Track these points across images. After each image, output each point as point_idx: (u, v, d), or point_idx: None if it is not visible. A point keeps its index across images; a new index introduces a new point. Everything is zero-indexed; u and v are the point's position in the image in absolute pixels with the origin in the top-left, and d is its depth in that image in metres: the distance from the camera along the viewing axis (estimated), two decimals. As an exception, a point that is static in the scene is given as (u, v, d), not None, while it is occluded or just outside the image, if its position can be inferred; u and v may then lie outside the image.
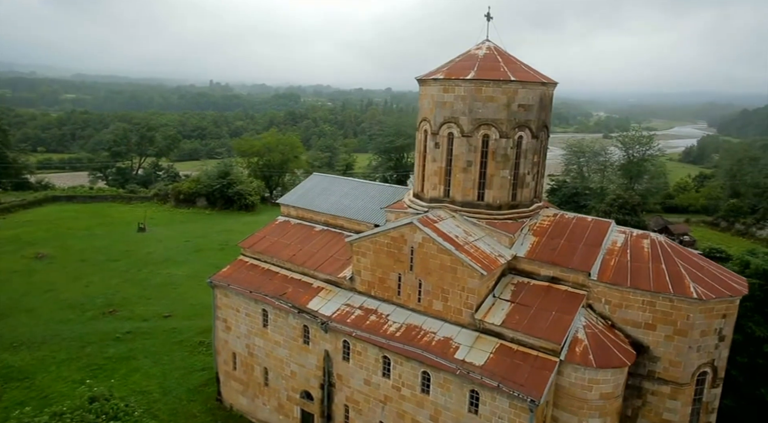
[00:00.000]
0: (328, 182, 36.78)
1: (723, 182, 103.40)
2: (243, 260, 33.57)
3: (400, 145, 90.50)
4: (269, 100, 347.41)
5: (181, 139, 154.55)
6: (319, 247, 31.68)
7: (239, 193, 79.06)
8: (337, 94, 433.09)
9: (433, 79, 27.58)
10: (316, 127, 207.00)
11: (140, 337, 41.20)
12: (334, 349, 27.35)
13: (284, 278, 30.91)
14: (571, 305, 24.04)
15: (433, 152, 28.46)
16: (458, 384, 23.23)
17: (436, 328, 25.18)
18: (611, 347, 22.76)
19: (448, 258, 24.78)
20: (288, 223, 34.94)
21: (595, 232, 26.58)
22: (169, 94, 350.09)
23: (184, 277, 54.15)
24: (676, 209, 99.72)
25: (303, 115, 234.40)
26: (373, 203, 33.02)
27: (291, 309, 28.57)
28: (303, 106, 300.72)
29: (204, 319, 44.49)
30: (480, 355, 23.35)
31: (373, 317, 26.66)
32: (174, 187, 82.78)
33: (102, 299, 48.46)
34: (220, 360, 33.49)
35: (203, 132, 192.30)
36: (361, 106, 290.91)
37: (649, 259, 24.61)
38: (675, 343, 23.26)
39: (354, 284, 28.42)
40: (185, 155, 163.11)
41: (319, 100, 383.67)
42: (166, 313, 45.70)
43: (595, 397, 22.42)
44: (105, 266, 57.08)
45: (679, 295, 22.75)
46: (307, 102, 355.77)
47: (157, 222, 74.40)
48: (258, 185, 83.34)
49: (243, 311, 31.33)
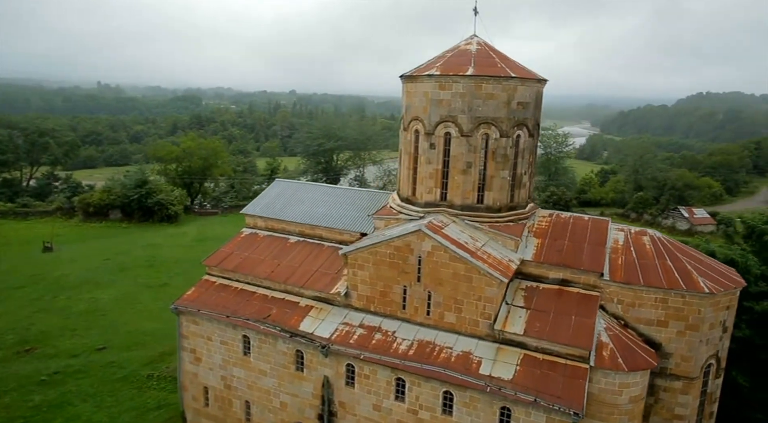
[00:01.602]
0: (295, 189, 33.67)
1: (627, 177, 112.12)
2: (210, 280, 29.58)
3: (330, 147, 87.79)
4: (167, 103, 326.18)
5: (81, 145, 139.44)
6: (299, 261, 28.63)
7: (160, 203, 71.89)
8: (240, 97, 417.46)
9: (427, 75, 25.79)
10: (225, 131, 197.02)
11: (72, 378, 35.20)
12: (336, 375, 24.61)
13: (264, 298, 27.53)
14: (589, 308, 23.38)
15: (428, 153, 26.67)
16: (487, 401, 21.63)
17: (452, 343, 23.40)
18: (635, 349, 22.35)
19: (462, 266, 23.13)
20: (256, 236, 31.39)
21: (596, 231, 26.25)
22: (51, 96, 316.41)
23: (112, 301, 47.70)
24: (589, 203, 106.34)
25: (209, 119, 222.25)
26: (352, 210, 30.58)
27: (280, 333, 25.37)
28: (206, 109, 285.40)
29: (148, 348, 39.29)
30: (506, 369, 21.93)
31: (379, 335, 24.32)
32: (81, 198, 73.42)
33: (13, 335, 41.10)
34: (188, 396, 29.22)
35: (99, 137, 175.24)
36: (269, 109, 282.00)
37: (654, 256, 24.61)
38: (687, 338, 23.34)
39: (350, 300, 25.86)
40: (79, 163, 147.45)
41: (222, 102, 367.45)
42: (99, 346, 39.67)
43: (624, 401, 21.84)
44: (9, 295, 48.80)
45: (691, 290, 22.84)
46: (209, 105, 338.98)
47: (65, 239, 65.48)
48: (180, 194, 76.48)
49: (217, 339, 27.47)
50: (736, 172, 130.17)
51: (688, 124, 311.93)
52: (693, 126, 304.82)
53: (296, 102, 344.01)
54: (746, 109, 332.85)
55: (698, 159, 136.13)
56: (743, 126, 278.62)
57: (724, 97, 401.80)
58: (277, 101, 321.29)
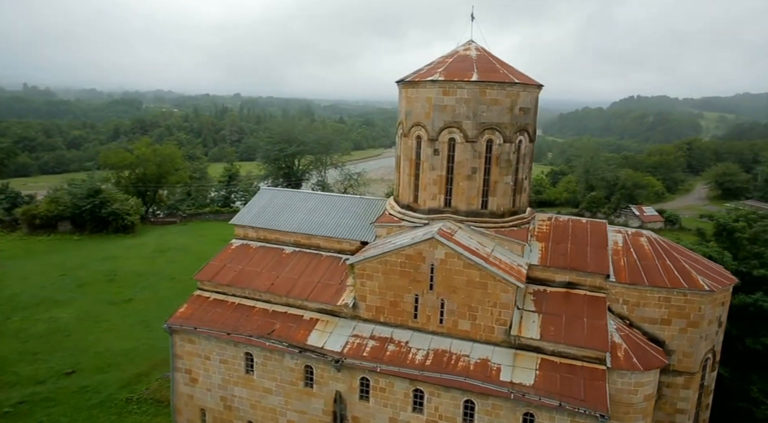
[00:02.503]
0: (286, 197, 32.54)
1: (578, 177, 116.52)
2: (202, 296, 27.98)
3: (291, 152, 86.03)
4: (104, 106, 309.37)
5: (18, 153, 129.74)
6: (299, 273, 27.63)
7: (115, 213, 67.77)
8: (182, 100, 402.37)
9: (430, 80, 25.56)
10: (171, 136, 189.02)
11: (41, 407, 32.33)
12: (349, 389, 23.83)
13: (264, 313, 26.34)
14: (598, 310, 23.81)
15: (432, 160, 26.42)
16: (510, 408, 21.55)
17: (467, 350, 23.21)
18: (647, 348, 22.96)
19: (477, 273, 23.00)
20: (248, 247, 30.05)
21: (597, 234, 26.83)
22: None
23: (75, 320, 44.38)
24: (545, 203, 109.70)
25: (153, 123, 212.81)
26: (349, 218, 29.88)
27: (288, 349, 24.31)
28: (148, 113, 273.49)
29: (122, 369, 36.82)
30: (526, 374, 21.96)
31: (392, 347, 23.78)
32: (25, 210, 68.02)
33: (-36, 363, 37.41)
34: (182, 421, 27.51)
35: (32, 143, 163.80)
36: (215, 113, 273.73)
37: (653, 257, 25.40)
38: (688, 334, 24.22)
39: (358, 311, 25.17)
40: (10, 171, 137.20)
41: (164, 106, 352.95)
42: (66, 370, 36.71)
43: (639, 400, 22.38)
44: (-47, 318, 44.41)
45: (693, 288, 23.72)
46: (150, 108, 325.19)
47: (9, 255, 60.46)
48: (136, 203, 72.46)
49: (216, 358, 26.00)
50: (674, 171, 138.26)
51: (623, 125, 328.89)
52: (627, 127, 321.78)
53: (242, 105, 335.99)
54: (673, 111, 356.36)
55: (639, 159, 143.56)
56: (672, 128, 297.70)
57: (653, 100, 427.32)
58: (223, 105, 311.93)
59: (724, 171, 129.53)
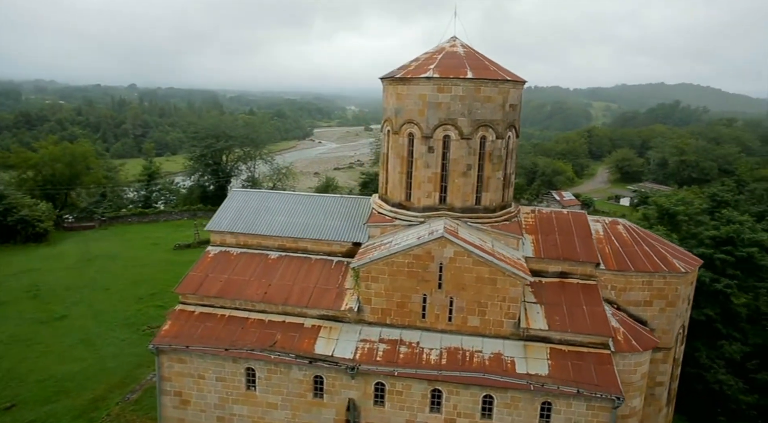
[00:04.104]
0: (261, 199, 30.80)
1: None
2: (186, 310, 25.78)
3: (219, 148, 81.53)
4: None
5: None
6: (292, 279, 26.35)
7: (24, 220, 60.33)
8: (69, 91, 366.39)
9: (424, 77, 25.26)
10: (65, 131, 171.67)
11: (-17, 449, 28.35)
12: (363, 396, 23.21)
13: (261, 323, 24.85)
14: (593, 297, 25.06)
15: (426, 157, 26.24)
16: (528, 399, 22.15)
17: (479, 346, 23.51)
18: (640, 330, 24.60)
19: (486, 269, 23.28)
20: (229, 254, 28.12)
21: (580, 224, 28.14)
22: None
23: (1, 346, 39.10)
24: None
25: (40, 117, 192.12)
26: (334, 219, 28.95)
27: (296, 360, 23.14)
28: (30, 105, 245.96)
29: (72, 396, 33.05)
30: (540, 364, 22.67)
31: (404, 349, 23.47)
32: None
33: None
34: (171, 446, 25.31)
35: None
36: (112, 105, 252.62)
37: (633, 243, 27.19)
38: (666, 314, 26.31)
39: (363, 315, 24.53)
40: None
41: (47, 97, 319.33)
42: (4, 404, 32.28)
43: (638, 378, 23.98)
44: None
45: (671, 271, 25.74)
46: (31, 100, 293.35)
47: None
48: (47, 208, 64.96)
49: (211, 376, 24.13)
50: (579, 157, 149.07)
51: (524, 114, 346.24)
52: (528, 116, 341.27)
53: (141, 97, 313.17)
54: (567, 100, 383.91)
55: (548, 146, 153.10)
56: (568, 116, 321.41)
57: (548, 90, 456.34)
58: (120, 97, 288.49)
59: (622, 156, 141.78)
